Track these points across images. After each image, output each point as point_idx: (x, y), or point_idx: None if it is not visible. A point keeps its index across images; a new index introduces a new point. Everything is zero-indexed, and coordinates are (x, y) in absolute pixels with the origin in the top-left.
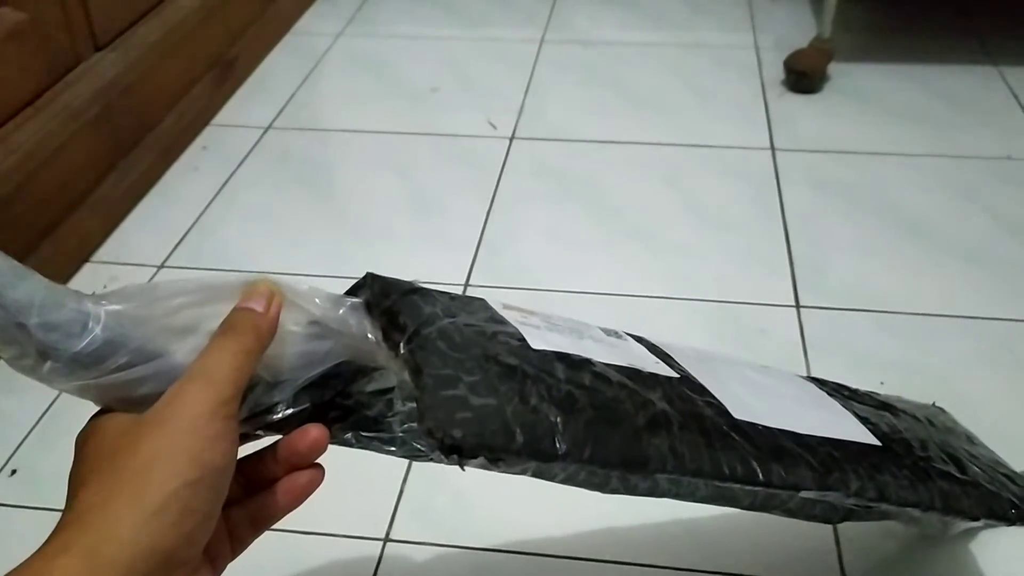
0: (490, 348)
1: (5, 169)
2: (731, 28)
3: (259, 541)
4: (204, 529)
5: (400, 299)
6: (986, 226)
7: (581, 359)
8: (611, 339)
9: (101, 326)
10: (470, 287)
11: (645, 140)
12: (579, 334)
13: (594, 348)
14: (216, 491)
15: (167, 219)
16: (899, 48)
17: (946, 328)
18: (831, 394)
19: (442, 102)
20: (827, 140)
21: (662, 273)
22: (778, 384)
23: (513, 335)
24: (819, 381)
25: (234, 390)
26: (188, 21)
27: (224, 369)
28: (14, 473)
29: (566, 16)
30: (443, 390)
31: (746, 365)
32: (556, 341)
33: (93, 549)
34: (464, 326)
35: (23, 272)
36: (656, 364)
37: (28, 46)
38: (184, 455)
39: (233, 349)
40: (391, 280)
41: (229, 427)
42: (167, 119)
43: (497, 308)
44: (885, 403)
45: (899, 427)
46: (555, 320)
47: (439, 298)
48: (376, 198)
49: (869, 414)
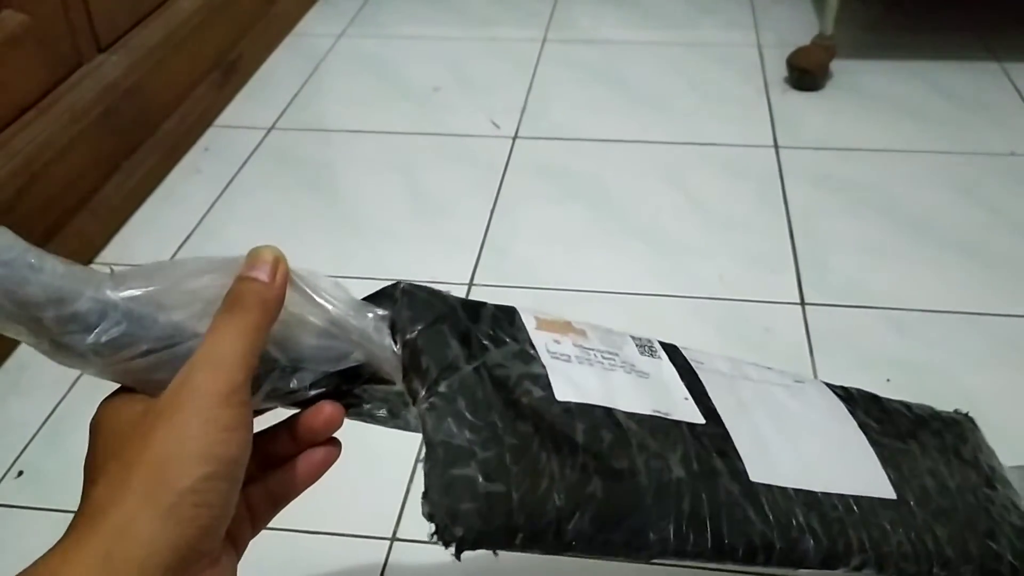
0: (511, 406)
1: (8, 172)
2: (733, 26)
3: (266, 541)
4: (222, 521)
5: (426, 332)
6: (990, 222)
7: (604, 412)
8: (644, 361)
9: (120, 313)
10: (474, 286)
11: (648, 139)
12: (611, 361)
13: (623, 386)
14: (233, 482)
15: (170, 221)
16: (902, 45)
17: (952, 325)
18: (864, 421)
19: (444, 102)
20: (830, 137)
21: (666, 271)
22: (807, 412)
23: (539, 379)
24: (850, 399)
25: (245, 373)
26: (190, 22)
27: (233, 352)
28: (21, 474)
29: (568, 15)
30: (453, 467)
31: (777, 383)
32: (584, 382)
33: (108, 551)
34: (489, 372)
35: (39, 262)
36: (685, 401)
37: (30, 48)
38: (197, 449)
39: (240, 327)
40: (421, 299)
41: (242, 414)
42: (170, 121)
43: (530, 328)
44: (913, 428)
45: (920, 468)
46: (589, 342)
47: (469, 325)
48: (379, 198)
49: (895, 449)
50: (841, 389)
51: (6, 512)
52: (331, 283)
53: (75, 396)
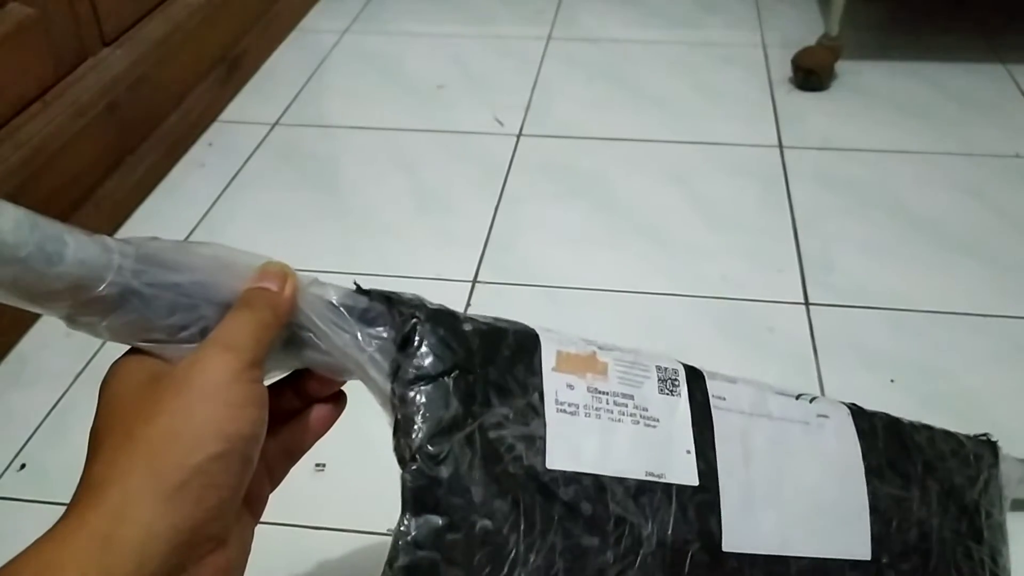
0: (495, 479)
1: (12, 164)
2: (738, 26)
3: (270, 538)
4: (231, 503)
5: (428, 387)
6: (995, 223)
7: (591, 481)
8: (660, 402)
9: (139, 300)
10: (478, 284)
11: (652, 137)
12: (622, 409)
13: (623, 443)
14: (245, 462)
15: (174, 215)
16: (907, 46)
17: (956, 326)
18: (874, 464)
19: (448, 99)
20: (835, 137)
21: (670, 270)
22: (813, 462)
23: (535, 443)
24: (871, 433)
25: (254, 356)
26: (195, 17)
27: (243, 337)
28: (23, 468)
29: (573, 13)
30: (420, 549)
31: (798, 420)
32: (581, 444)
33: (108, 533)
34: (483, 435)
35: (57, 252)
36: (686, 455)
37: (35, 41)
38: (207, 427)
39: (250, 319)
40: (436, 340)
41: (254, 392)
42: (174, 115)
43: (547, 367)
44: (924, 471)
45: (911, 520)
46: (607, 383)
47: (479, 373)
48: (383, 195)
49: (893, 498)
50: (866, 420)
51: (8, 505)
52: (338, 294)
53: (78, 389)
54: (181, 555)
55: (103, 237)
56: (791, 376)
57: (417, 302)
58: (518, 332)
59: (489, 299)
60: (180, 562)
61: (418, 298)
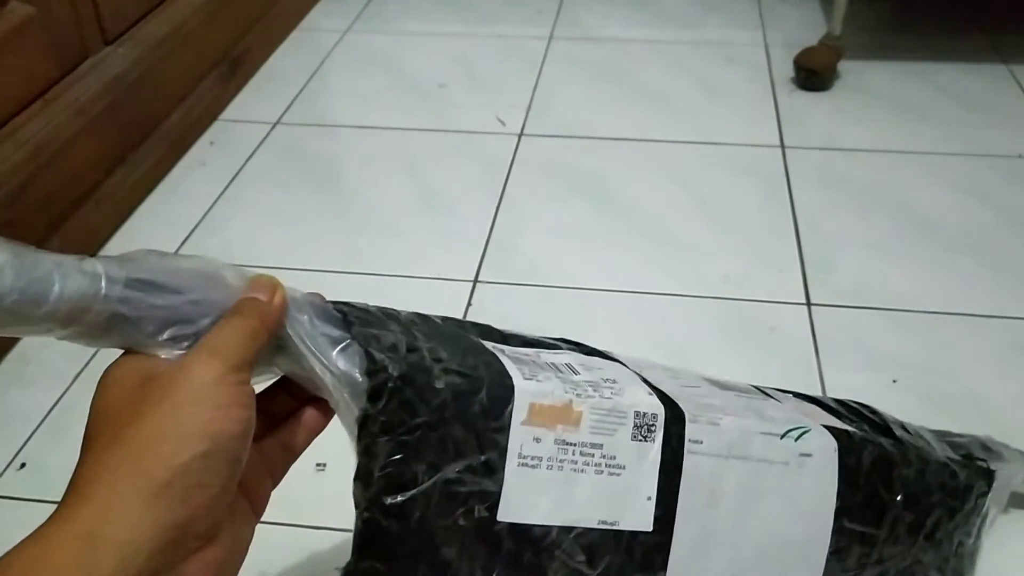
0: (442, 531)
1: (14, 163)
2: (740, 25)
3: (271, 537)
4: (217, 502)
5: (391, 443)
6: (997, 224)
7: (540, 531)
8: (631, 449)
9: (129, 324)
10: (479, 283)
11: (654, 137)
12: (587, 459)
13: (581, 494)
14: (231, 461)
15: (175, 214)
16: (910, 46)
17: (958, 326)
18: (846, 504)
19: (450, 98)
20: (837, 138)
21: (671, 270)
22: (781, 509)
23: (489, 497)
24: (856, 469)
25: (241, 360)
26: (196, 16)
27: (230, 343)
28: (23, 467)
29: (574, 13)
30: None
31: (777, 461)
32: (537, 497)
33: (93, 532)
34: (440, 487)
35: (43, 294)
36: (646, 502)
37: (37, 40)
38: (192, 427)
39: (239, 326)
40: (403, 402)
41: (241, 392)
42: (175, 114)
43: (518, 421)
44: (901, 507)
45: (871, 559)
46: (577, 434)
47: (446, 431)
48: (384, 194)
49: (858, 537)
50: (854, 454)
51: (8, 504)
52: (321, 324)
53: (78, 388)
54: (168, 553)
55: (93, 263)
56: (792, 376)
57: (393, 350)
58: (493, 386)
59: (490, 299)
60: (167, 559)
61: (399, 340)
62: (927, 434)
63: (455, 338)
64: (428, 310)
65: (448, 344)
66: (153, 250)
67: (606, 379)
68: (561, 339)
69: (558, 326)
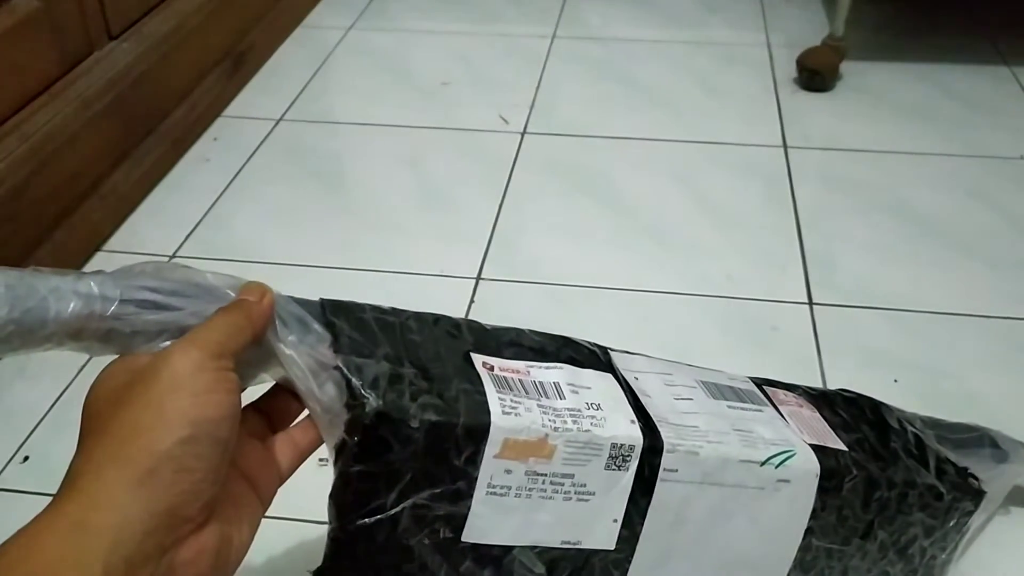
0: (405, 551)
1: (18, 157)
2: (743, 26)
3: (274, 531)
4: (205, 486)
5: (366, 472)
6: (999, 225)
7: (500, 551)
8: (603, 478)
9: (124, 336)
10: (481, 280)
11: (657, 136)
12: (557, 488)
13: (547, 518)
14: (215, 444)
15: (178, 210)
16: (912, 47)
17: (959, 326)
18: (818, 524)
19: (453, 96)
20: (839, 138)
21: (673, 269)
22: (748, 532)
23: (454, 520)
24: (836, 489)
25: (222, 349)
26: (201, 12)
27: (211, 334)
28: (26, 460)
29: (577, 12)
30: None
31: (752, 486)
32: (501, 520)
33: (81, 519)
34: (409, 510)
35: (39, 321)
36: (612, 524)
37: (42, 34)
38: (172, 414)
39: (221, 320)
40: (378, 440)
41: (222, 378)
42: (179, 110)
43: (490, 454)
44: (880, 524)
45: (836, 570)
46: (549, 465)
47: (416, 466)
48: (387, 191)
49: (826, 552)
50: (837, 479)
51: (12, 497)
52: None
53: (82, 382)
54: (158, 536)
55: (88, 282)
56: (794, 375)
57: (374, 385)
58: (470, 420)
59: (492, 296)
60: (158, 543)
61: (382, 372)
62: (931, 438)
63: (446, 354)
64: (430, 307)
65: (436, 364)
66: (150, 263)
67: (590, 404)
68: (563, 338)
69: (560, 324)
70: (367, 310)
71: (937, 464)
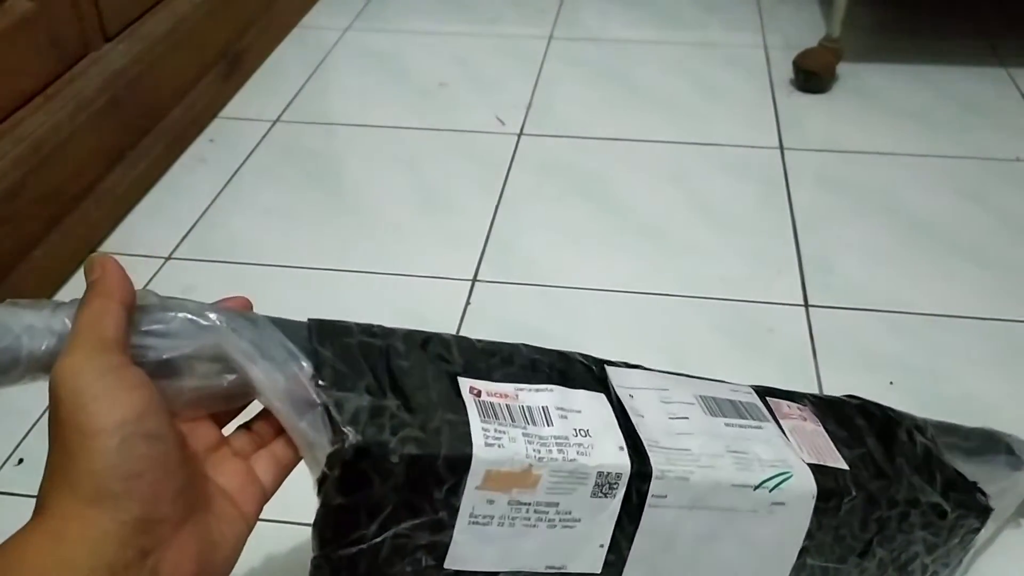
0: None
1: (14, 158)
2: (740, 27)
3: (267, 535)
4: (162, 479)
5: (346, 505)
6: (995, 227)
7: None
8: (589, 505)
9: None
10: (477, 282)
11: (653, 138)
12: (541, 516)
13: (531, 545)
14: (149, 440)
15: (174, 211)
16: (909, 49)
17: (955, 329)
18: (813, 544)
19: (450, 97)
20: (836, 140)
21: (670, 271)
22: (740, 556)
23: (437, 548)
24: (834, 509)
25: (101, 344)
26: (197, 13)
27: (86, 335)
28: (21, 462)
29: (575, 13)
30: None
31: (747, 509)
32: (484, 548)
33: (59, 530)
34: (391, 540)
35: (13, 360)
36: (599, 549)
37: (37, 35)
38: (90, 429)
39: (86, 316)
40: (359, 472)
41: (120, 375)
42: (175, 111)
43: (472, 486)
44: (878, 543)
45: None
46: (533, 494)
47: (398, 497)
48: (384, 192)
49: (825, 567)
50: (835, 500)
51: (6, 500)
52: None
53: None
54: (138, 541)
55: (62, 317)
56: (790, 378)
57: (354, 420)
58: (452, 452)
59: (488, 298)
60: (140, 546)
61: (362, 406)
62: (941, 449)
63: (432, 381)
64: (427, 309)
65: (420, 393)
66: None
67: (579, 430)
68: (557, 352)
69: (555, 326)
70: (354, 332)
71: (944, 479)
